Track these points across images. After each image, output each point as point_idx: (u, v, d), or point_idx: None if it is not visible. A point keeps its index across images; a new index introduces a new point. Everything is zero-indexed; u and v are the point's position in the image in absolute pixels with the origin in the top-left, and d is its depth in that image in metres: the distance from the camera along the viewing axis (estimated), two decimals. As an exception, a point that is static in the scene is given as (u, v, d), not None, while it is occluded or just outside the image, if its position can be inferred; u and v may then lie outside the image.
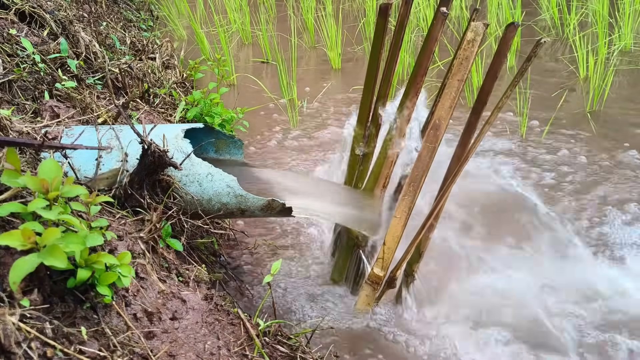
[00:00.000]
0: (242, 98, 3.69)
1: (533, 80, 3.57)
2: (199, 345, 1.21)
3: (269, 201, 1.64)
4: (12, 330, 0.81)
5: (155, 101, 2.78)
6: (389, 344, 1.80)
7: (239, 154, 2.05)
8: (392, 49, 1.72)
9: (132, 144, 1.61)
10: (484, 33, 1.53)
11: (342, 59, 4.23)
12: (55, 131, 1.68)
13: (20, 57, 2.09)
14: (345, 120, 3.29)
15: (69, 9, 3.02)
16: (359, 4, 5.24)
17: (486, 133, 1.54)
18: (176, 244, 1.56)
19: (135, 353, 1.05)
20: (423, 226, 1.69)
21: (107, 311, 1.08)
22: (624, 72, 3.65)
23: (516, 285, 1.99)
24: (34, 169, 1.37)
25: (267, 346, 1.37)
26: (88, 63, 2.51)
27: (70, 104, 2.06)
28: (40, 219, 0.96)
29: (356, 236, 1.93)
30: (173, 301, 1.28)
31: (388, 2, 1.64)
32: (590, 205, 2.45)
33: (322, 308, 1.96)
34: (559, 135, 3.01)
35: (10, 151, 0.97)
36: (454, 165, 1.71)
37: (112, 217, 1.42)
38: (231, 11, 4.80)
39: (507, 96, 1.49)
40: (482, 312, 1.90)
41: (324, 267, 2.16)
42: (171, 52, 3.83)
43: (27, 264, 0.86)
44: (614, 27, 3.93)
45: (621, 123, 3.07)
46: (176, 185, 1.59)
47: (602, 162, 2.75)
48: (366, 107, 1.82)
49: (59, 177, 0.98)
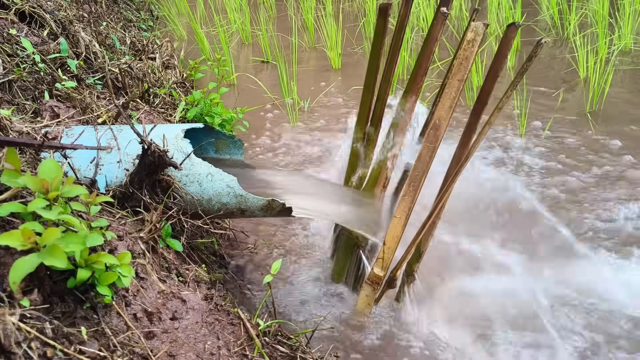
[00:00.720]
0: (242, 98, 3.69)
1: (533, 80, 3.57)
2: (199, 345, 1.21)
3: (269, 201, 1.64)
4: (12, 330, 0.81)
5: (155, 101, 2.78)
6: (389, 344, 1.80)
7: (239, 154, 2.05)
8: (392, 49, 1.72)
9: (132, 144, 1.61)
10: (484, 33, 1.53)
11: (342, 59, 4.23)
12: (55, 131, 1.68)
13: (20, 57, 2.09)
14: (345, 120, 3.30)
15: (69, 9, 3.02)
16: (359, 4, 5.24)
17: (486, 133, 1.54)
18: (176, 244, 1.56)
19: (135, 353, 1.05)
20: (423, 226, 1.69)
21: (107, 311, 1.08)
22: (624, 72, 3.65)
23: (516, 285, 1.99)
24: (34, 169, 1.37)
25: (267, 346, 1.37)
26: (88, 63, 2.51)
27: (70, 104, 2.06)
28: (40, 219, 0.96)
29: (356, 236, 1.93)
30: (173, 301, 1.28)
31: (388, 2, 1.64)
32: (591, 206, 2.45)
33: (322, 308, 1.95)
34: (558, 135, 3.01)
35: (10, 151, 0.97)
36: (454, 165, 1.71)
37: (112, 217, 1.42)
38: (231, 11, 4.80)
39: (507, 96, 1.49)
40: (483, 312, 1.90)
41: (324, 267, 2.16)
42: (171, 52, 3.83)
43: (27, 264, 0.86)
44: (613, 27, 3.94)
45: (621, 123, 3.07)
46: (176, 185, 1.59)
47: (602, 162, 2.75)
48: (366, 106, 1.82)
49: (59, 177, 0.98)
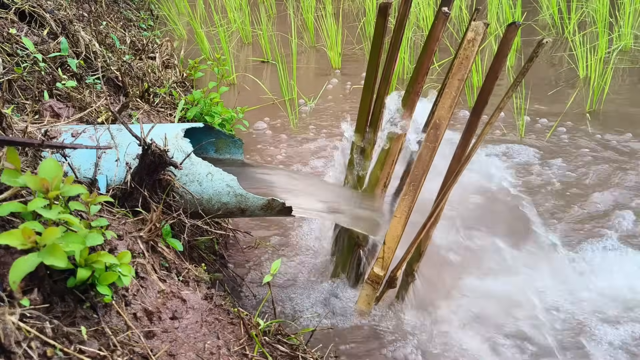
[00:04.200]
0: (242, 97, 3.69)
1: (533, 80, 3.56)
2: (198, 345, 1.20)
3: (269, 200, 1.64)
4: (12, 330, 0.81)
5: (155, 100, 2.77)
6: (388, 344, 1.80)
7: (239, 154, 2.04)
8: (392, 48, 1.72)
9: (132, 143, 1.60)
10: (485, 32, 1.53)
11: (342, 58, 4.23)
12: (55, 131, 1.68)
13: (20, 57, 2.09)
14: (345, 120, 3.29)
15: (69, 9, 3.01)
16: (359, 4, 5.24)
17: (487, 133, 1.54)
18: (176, 244, 1.56)
19: (135, 352, 1.05)
20: (424, 226, 1.69)
21: (107, 311, 1.08)
22: (624, 71, 3.65)
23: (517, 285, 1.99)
24: (34, 169, 1.37)
25: (268, 345, 1.36)
26: (88, 62, 2.51)
27: (71, 103, 2.06)
28: (40, 218, 0.96)
29: (356, 236, 1.93)
30: (173, 301, 1.28)
31: (388, 1, 1.64)
32: (593, 208, 2.45)
33: (322, 307, 1.95)
34: (558, 135, 3.01)
35: (11, 151, 0.96)
36: (454, 165, 1.71)
37: (112, 217, 1.41)
38: (231, 10, 4.80)
39: (508, 96, 1.49)
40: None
41: (324, 267, 2.16)
42: (171, 51, 3.83)
43: (27, 264, 0.86)
44: (614, 26, 3.93)
45: (621, 122, 3.07)
46: (176, 184, 1.59)
47: (600, 161, 2.75)
48: (366, 106, 1.81)
49: (59, 177, 0.98)
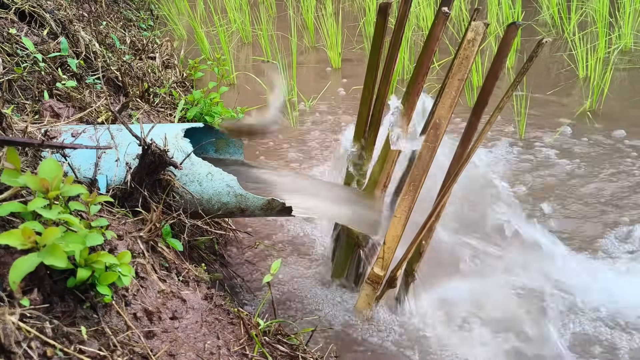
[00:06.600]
0: (242, 97, 3.69)
1: (533, 80, 3.56)
2: (198, 345, 1.20)
3: (269, 200, 1.64)
4: (12, 330, 0.81)
5: (155, 100, 2.77)
6: (388, 343, 1.80)
7: (239, 154, 2.04)
8: (392, 48, 1.72)
9: (132, 143, 1.60)
10: (485, 32, 1.53)
11: (342, 58, 4.23)
12: (55, 131, 1.68)
13: (20, 57, 2.09)
14: (345, 120, 3.29)
15: (69, 9, 3.01)
16: (359, 4, 5.23)
17: (487, 133, 1.54)
18: (176, 244, 1.56)
19: (135, 352, 1.05)
20: (424, 226, 1.69)
21: (107, 311, 1.08)
22: (624, 71, 3.65)
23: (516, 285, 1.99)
24: (34, 169, 1.37)
25: (267, 345, 1.36)
26: (88, 62, 2.51)
27: (70, 103, 2.06)
28: (40, 218, 0.96)
29: (356, 236, 1.93)
30: (173, 301, 1.28)
31: (388, 1, 1.64)
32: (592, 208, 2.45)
33: (322, 307, 1.95)
34: (558, 135, 3.01)
35: (11, 151, 0.96)
36: (454, 165, 1.71)
37: (112, 217, 1.41)
38: (231, 10, 4.80)
39: (508, 96, 1.49)
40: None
41: (324, 267, 2.16)
42: (171, 51, 3.83)
43: (27, 264, 0.86)
44: (613, 26, 3.93)
45: (620, 122, 3.07)
46: (176, 184, 1.59)
47: (600, 161, 2.75)
48: (366, 106, 1.81)
49: (59, 177, 0.98)
